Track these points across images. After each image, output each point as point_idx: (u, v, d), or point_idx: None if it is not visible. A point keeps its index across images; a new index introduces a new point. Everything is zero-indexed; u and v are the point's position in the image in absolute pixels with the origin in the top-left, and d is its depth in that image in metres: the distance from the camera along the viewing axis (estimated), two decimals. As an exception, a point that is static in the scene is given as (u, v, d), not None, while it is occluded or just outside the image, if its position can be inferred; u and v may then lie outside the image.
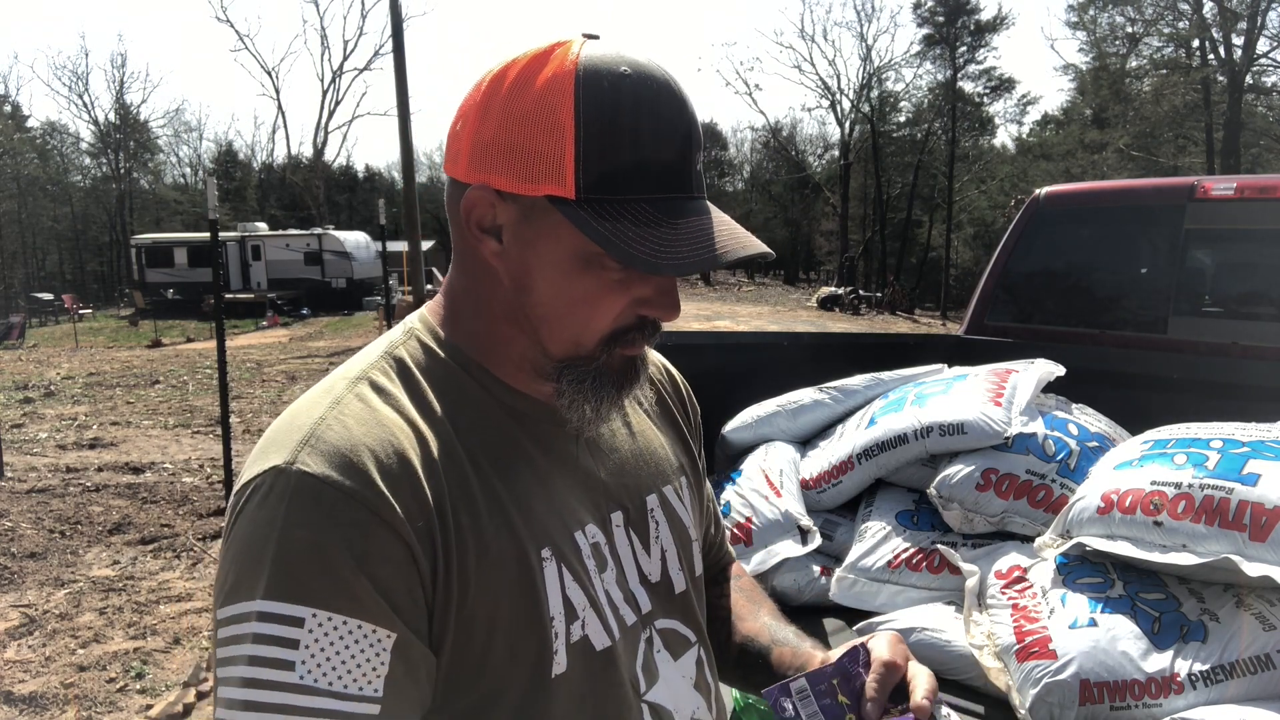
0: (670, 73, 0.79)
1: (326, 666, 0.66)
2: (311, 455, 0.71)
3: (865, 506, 2.43)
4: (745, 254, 0.76)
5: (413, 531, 0.71)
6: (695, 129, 0.79)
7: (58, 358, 18.06)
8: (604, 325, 0.80)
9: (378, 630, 0.68)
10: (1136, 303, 3.53)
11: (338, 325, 24.96)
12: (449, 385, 0.82)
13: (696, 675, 0.95)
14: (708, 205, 0.80)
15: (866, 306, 30.29)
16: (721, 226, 0.78)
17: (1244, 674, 1.58)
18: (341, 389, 0.79)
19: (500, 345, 0.84)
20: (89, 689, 3.89)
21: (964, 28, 38.23)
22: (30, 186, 43.88)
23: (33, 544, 5.76)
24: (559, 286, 0.78)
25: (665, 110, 0.76)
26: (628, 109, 0.74)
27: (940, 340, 4.48)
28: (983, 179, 40.49)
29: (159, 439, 9.27)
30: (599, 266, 0.77)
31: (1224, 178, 3.32)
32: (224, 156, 55.05)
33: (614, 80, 0.75)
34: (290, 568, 0.67)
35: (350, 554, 0.68)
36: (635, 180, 0.75)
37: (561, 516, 0.83)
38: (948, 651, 1.89)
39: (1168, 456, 1.88)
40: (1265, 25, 27.57)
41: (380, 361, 0.82)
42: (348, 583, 0.67)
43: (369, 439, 0.73)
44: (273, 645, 0.66)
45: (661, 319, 0.82)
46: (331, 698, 0.66)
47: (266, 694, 0.66)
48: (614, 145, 0.74)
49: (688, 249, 0.74)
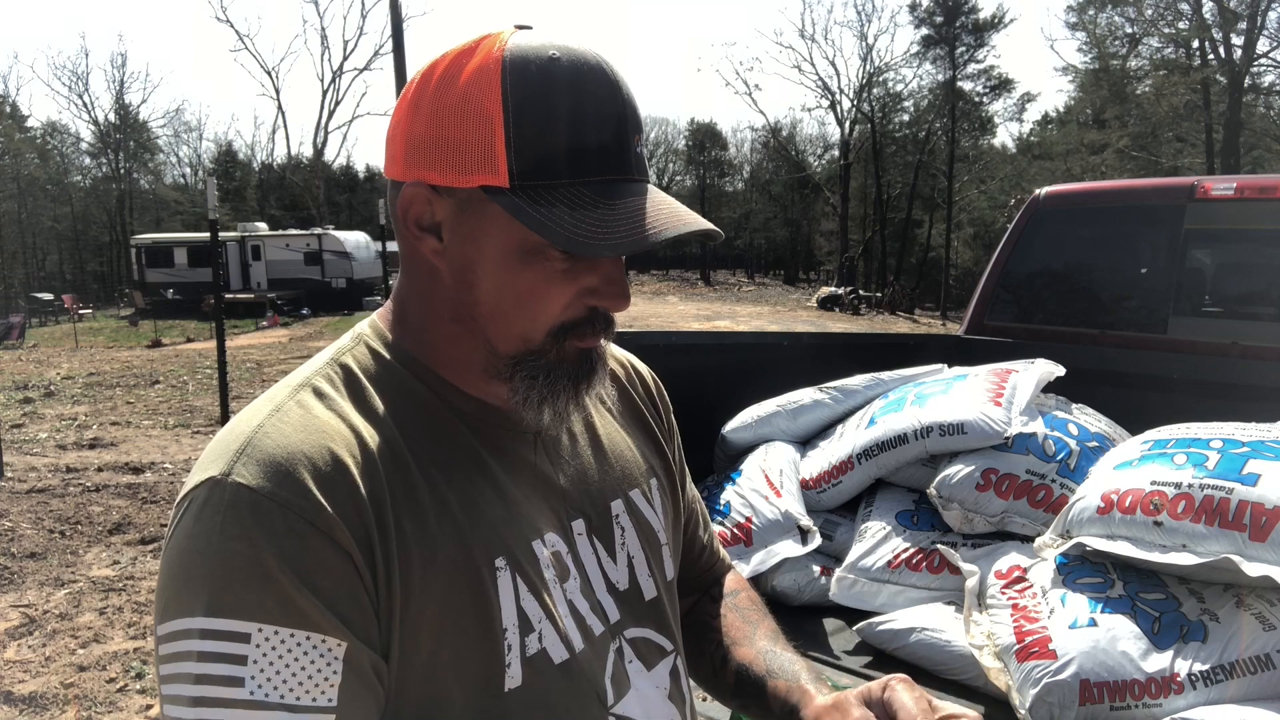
0: (604, 57, 0.77)
1: (277, 680, 0.65)
2: (247, 465, 0.70)
3: (865, 506, 2.43)
4: (684, 231, 0.74)
5: (352, 539, 0.69)
6: (632, 111, 0.77)
7: (58, 358, 18.06)
8: (551, 318, 0.78)
9: (327, 640, 0.67)
10: (1136, 303, 3.53)
11: (338, 325, 24.95)
12: (396, 391, 0.80)
13: (671, 685, 0.92)
14: (648, 188, 0.78)
15: (866, 306, 30.29)
16: (662, 206, 0.76)
17: (1244, 674, 1.58)
18: (283, 396, 0.77)
19: (449, 346, 0.81)
20: (89, 689, 3.89)
21: (962, 28, 38.23)
22: (30, 186, 43.85)
23: (33, 544, 5.76)
24: (502, 280, 0.77)
25: (598, 91, 0.75)
26: (557, 92, 0.73)
27: (940, 340, 4.48)
28: (983, 179, 40.48)
29: (159, 439, 9.27)
30: (541, 257, 0.75)
31: (1224, 178, 3.32)
32: (224, 156, 55.05)
33: (542, 65, 0.74)
34: (230, 583, 0.66)
35: (291, 566, 0.67)
36: (570, 164, 0.74)
37: (519, 525, 0.80)
38: (948, 651, 1.89)
39: (1168, 456, 1.88)
40: (1265, 25, 27.57)
41: (325, 368, 0.81)
42: (290, 596, 0.66)
43: (306, 446, 0.71)
44: (220, 663, 0.65)
45: (610, 309, 0.79)
46: (285, 710, 0.65)
47: (217, 712, 0.65)
48: (545, 130, 0.73)
49: (624, 229, 0.72)
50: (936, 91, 40.03)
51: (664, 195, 0.78)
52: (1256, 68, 28.51)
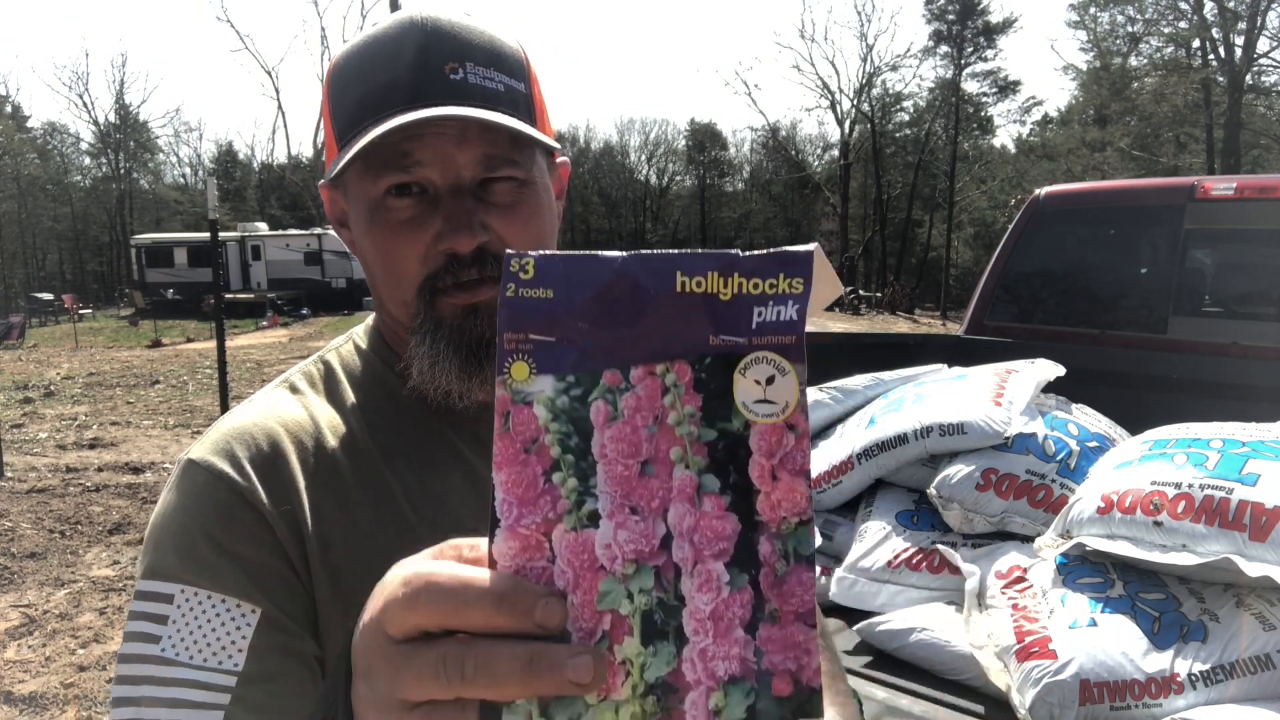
0: (428, 10, 0.76)
1: (189, 640, 0.68)
2: (203, 445, 0.75)
3: (865, 506, 2.43)
4: (450, 115, 0.71)
5: (279, 515, 0.72)
6: (442, 40, 0.74)
7: (58, 358, 18.06)
8: (412, 271, 0.76)
9: (242, 605, 0.69)
10: (1136, 303, 3.53)
11: (338, 325, 24.95)
12: (372, 384, 0.83)
13: None
14: (456, 107, 0.73)
15: (866, 306, 30.30)
16: (452, 109, 0.72)
17: (1244, 674, 1.58)
18: (262, 391, 0.83)
19: (393, 333, 0.84)
20: (89, 689, 3.89)
21: (972, 29, 38.22)
22: (30, 186, 43.88)
23: (33, 544, 5.76)
24: (368, 246, 0.78)
25: (395, 35, 0.75)
26: (352, 58, 0.77)
27: (940, 340, 4.48)
28: (983, 179, 40.48)
29: (159, 439, 9.27)
30: (383, 210, 0.75)
31: (1224, 178, 3.32)
32: (224, 156, 55.08)
33: (350, 45, 0.79)
34: (162, 547, 0.71)
35: (217, 533, 0.70)
36: (367, 107, 0.74)
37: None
38: (948, 651, 1.88)
39: (1168, 456, 1.88)
40: (1265, 25, 27.59)
41: (309, 365, 0.85)
42: (212, 561, 0.69)
43: (254, 429, 0.76)
44: (145, 621, 0.69)
45: (453, 247, 0.74)
46: (191, 669, 0.67)
47: (133, 667, 0.68)
48: (344, 92, 0.77)
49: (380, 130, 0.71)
50: (939, 91, 40.04)
51: (471, 110, 0.73)
52: (1256, 68, 28.55)
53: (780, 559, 0.39)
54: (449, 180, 0.74)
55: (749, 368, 0.40)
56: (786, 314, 0.40)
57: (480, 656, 0.37)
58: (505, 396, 0.39)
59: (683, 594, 0.39)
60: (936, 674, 1.89)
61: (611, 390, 0.40)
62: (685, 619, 0.39)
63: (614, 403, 0.40)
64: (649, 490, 0.39)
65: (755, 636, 0.39)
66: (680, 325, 0.40)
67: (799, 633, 0.39)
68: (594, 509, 0.39)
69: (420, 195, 0.75)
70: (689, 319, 0.40)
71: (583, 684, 0.36)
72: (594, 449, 0.39)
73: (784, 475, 0.39)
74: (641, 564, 0.39)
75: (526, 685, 0.36)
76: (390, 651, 0.39)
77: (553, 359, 0.39)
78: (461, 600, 0.37)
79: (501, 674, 0.36)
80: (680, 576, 0.39)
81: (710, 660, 0.38)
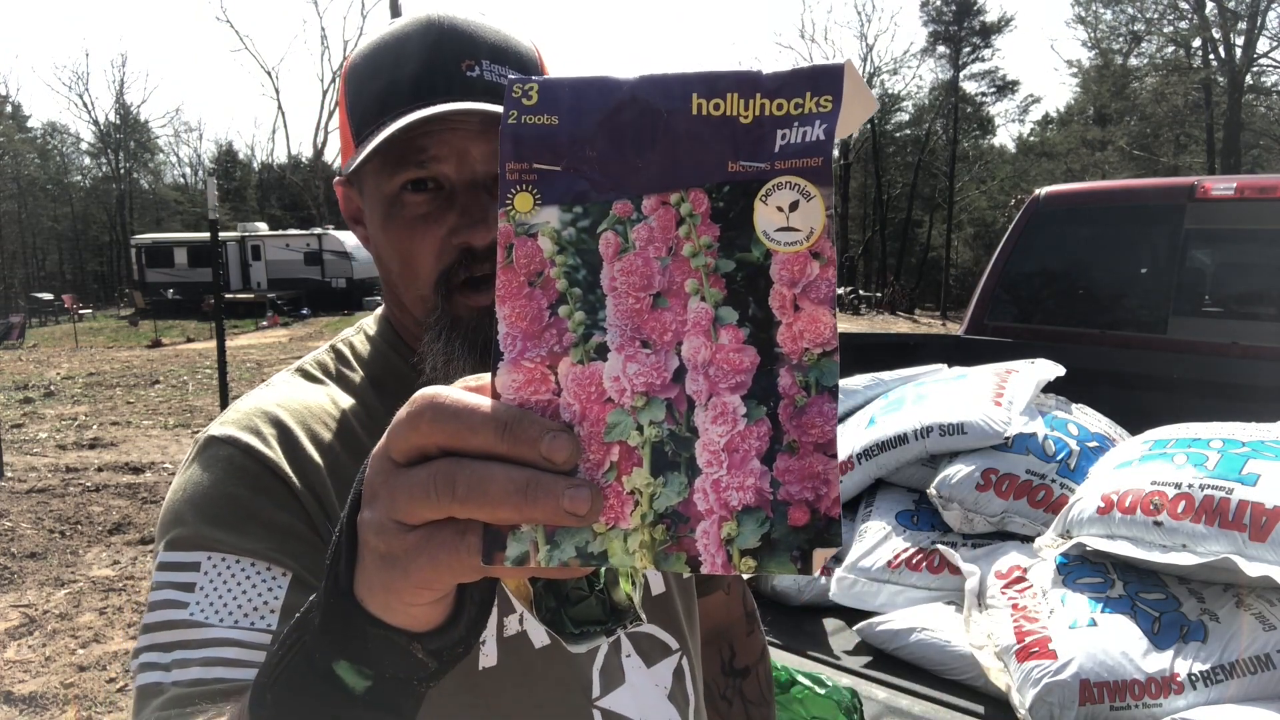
0: (445, 9, 0.78)
1: (220, 604, 0.67)
2: (223, 423, 0.77)
3: (865, 506, 2.43)
4: (466, 109, 0.72)
5: (303, 486, 0.73)
6: (457, 38, 0.76)
7: (58, 358, 18.06)
8: (428, 266, 0.76)
9: (272, 568, 0.69)
10: (1136, 303, 3.53)
11: (338, 325, 24.95)
12: (386, 374, 0.84)
13: (673, 685, 0.89)
14: (471, 104, 0.74)
15: (866, 306, 30.29)
16: (475, 104, 0.73)
17: (1244, 674, 1.58)
18: (278, 375, 0.85)
19: (404, 324, 0.85)
20: (89, 689, 3.89)
21: (969, 29, 38.22)
22: (30, 186, 43.89)
23: (33, 544, 5.76)
24: (384, 241, 0.79)
25: (412, 33, 0.77)
26: (370, 52, 0.79)
27: (940, 340, 4.48)
28: (983, 179, 40.47)
29: (159, 439, 9.27)
30: (399, 205, 0.76)
31: (1224, 178, 3.32)
32: (224, 156, 55.04)
33: (368, 44, 0.80)
34: (184, 519, 0.71)
35: (243, 498, 0.71)
36: (384, 105, 0.75)
37: None
38: (948, 651, 1.88)
39: (1168, 456, 1.88)
40: (1265, 25, 27.59)
41: (322, 355, 0.86)
42: (238, 526, 0.70)
43: (274, 406, 0.77)
44: (170, 589, 0.68)
45: (470, 241, 0.75)
46: (223, 628, 0.67)
47: (160, 635, 0.67)
48: (361, 89, 0.78)
49: (398, 126, 0.72)
50: (938, 91, 40.04)
51: (487, 105, 0.74)
52: (1256, 68, 28.56)
53: (801, 390, 0.37)
54: (464, 175, 0.75)
55: (770, 194, 0.37)
56: (813, 134, 0.37)
57: (474, 476, 0.36)
58: (508, 229, 0.38)
59: (695, 426, 0.37)
60: (936, 674, 1.89)
61: (622, 221, 0.38)
62: (698, 450, 0.37)
63: (624, 234, 0.38)
64: (661, 323, 0.38)
65: (772, 468, 0.37)
66: (696, 151, 0.38)
67: (818, 463, 0.37)
68: (602, 342, 0.38)
69: (436, 190, 0.76)
70: (706, 144, 0.38)
71: (578, 515, 0.35)
72: (603, 282, 0.38)
73: (807, 304, 0.37)
74: (652, 397, 0.37)
75: (520, 510, 0.35)
76: (391, 472, 0.39)
77: (558, 189, 0.38)
78: (465, 423, 0.37)
79: (495, 496, 0.35)
80: (693, 409, 0.37)
81: (724, 490, 0.37)
